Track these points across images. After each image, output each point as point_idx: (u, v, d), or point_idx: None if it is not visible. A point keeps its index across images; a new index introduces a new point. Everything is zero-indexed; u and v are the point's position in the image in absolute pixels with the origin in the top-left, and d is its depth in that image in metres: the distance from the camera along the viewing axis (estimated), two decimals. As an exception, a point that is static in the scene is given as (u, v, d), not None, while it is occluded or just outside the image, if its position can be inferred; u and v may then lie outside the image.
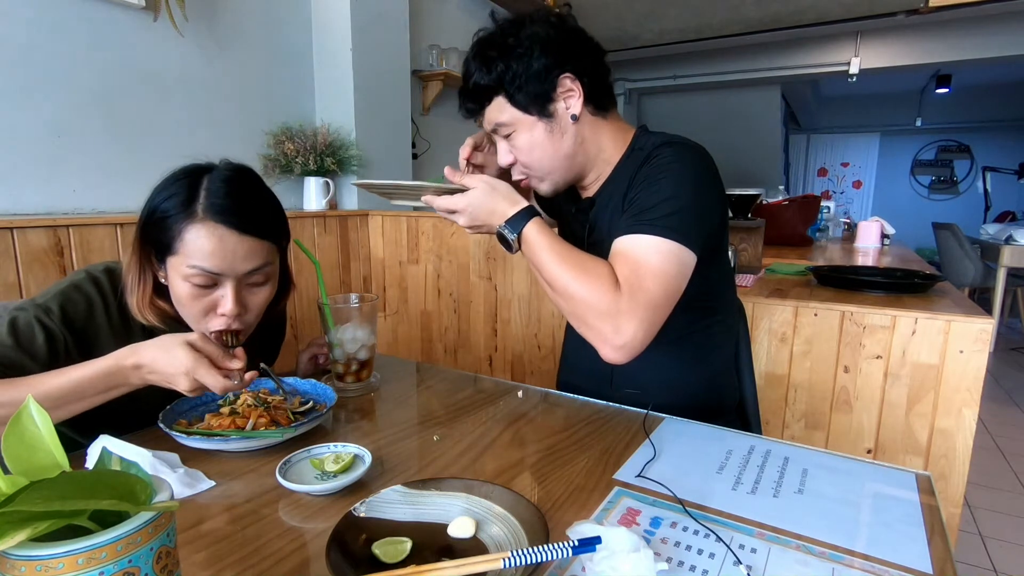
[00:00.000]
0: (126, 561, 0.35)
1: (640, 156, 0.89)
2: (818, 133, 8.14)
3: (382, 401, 0.95)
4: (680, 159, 0.83)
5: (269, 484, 0.66)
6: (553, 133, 0.88)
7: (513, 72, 0.84)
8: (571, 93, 0.86)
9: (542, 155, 0.89)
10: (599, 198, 0.95)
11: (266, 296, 0.85)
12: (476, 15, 3.31)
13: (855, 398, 1.39)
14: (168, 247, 0.78)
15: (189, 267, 0.77)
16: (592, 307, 0.74)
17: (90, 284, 0.82)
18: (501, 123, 0.88)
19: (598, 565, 0.47)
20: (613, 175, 0.93)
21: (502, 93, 0.86)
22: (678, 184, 0.80)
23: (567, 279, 0.76)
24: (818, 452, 0.76)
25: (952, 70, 5.74)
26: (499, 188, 0.82)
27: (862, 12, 3.28)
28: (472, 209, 0.82)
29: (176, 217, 0.77)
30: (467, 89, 0.90)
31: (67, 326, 0.79)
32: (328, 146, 2.20)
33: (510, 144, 0.90)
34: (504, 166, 0.93)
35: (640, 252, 0.76)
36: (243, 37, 2.06)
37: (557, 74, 0.85)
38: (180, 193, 0.78)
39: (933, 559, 0.53)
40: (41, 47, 1.52)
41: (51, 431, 0.39)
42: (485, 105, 0.89)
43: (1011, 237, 4.05)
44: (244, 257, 0.79)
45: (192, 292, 0.78)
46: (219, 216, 0.77)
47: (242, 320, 0.82)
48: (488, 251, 2.14)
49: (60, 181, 1.57)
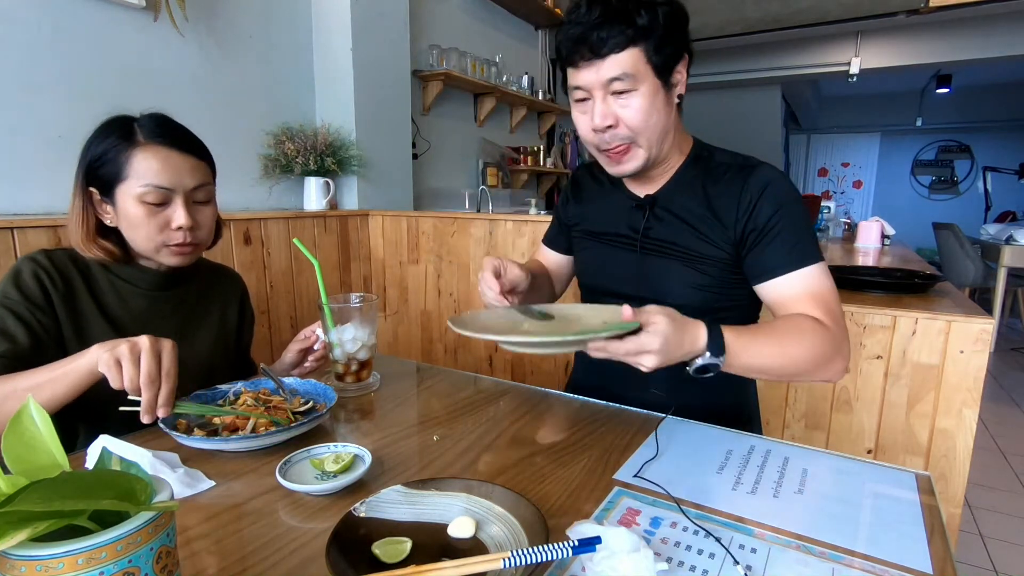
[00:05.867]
0: (126, 561, 0.35)
1: (717, 170, 0.89)
2: (818, 133, 8.14)
3: (382, 401, 0.95)
4: (791, 185, 0.87)
5: (269, 484, 0.66)
6: (668, 105, 0.85)
7: (667, 26, 0.79)
8: (682, 71, 0.85)
9: (657, 122, 0.84)
10: (661, 197, 0.93)
11: (211, 213, 0.95)
12: (476, 15, 3.31)
13: (855, 398, 1.39)
14: (117, 176, 0.86)
15: (142, 186, 0.85)
16: (821, 357, 0.77)
17: (30, 263, 0.86)
18: (623, 76, 0.79)
19: (598, 565, 0.47)
20: (677, 177, 0.92)
21: (642, 44, 0.79)
22: (805, 209, 0.86)
23: (790, 358, 0.76)
24: (818, 452, 0.76)
25: (952, 70, 5.74)
26: (676, 315, 0.70)
27: (862, 12, 3.28)
28: (667, 346, 0.67)
29: (119, 148, 0.85)
30: (596, 34, 0.78)
31: (33, 304, 0.83)
32: (328, 146, 2.20)
33: (620, 103, 0.82)
34: (599, 127, 0.84)
35: (818, 282, 0.82)
36: (243, 37, 2.06)
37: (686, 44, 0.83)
38: (116, 132, 0.86)
39: (933, 559, 0.53)
40: (42, 47, 1.52)
41: (51, 431, 0.39)
42: (611, 52, 0.79)
43: (1011, 237, 4.05)
44: (189, 172, 0.89)
45: (146, 211, 0.86)
46: (161, 139, 0.87)
47: (194, 235, 0.91)
48: (488, 251, 2.14)
49: (60, 181, 1.57)
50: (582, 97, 0.84)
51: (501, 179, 3.56)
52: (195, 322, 1.01)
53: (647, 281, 0.94)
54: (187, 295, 1.00)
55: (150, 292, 0.95)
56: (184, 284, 1.00)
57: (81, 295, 0.89)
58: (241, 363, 1.10)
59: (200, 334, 1.01)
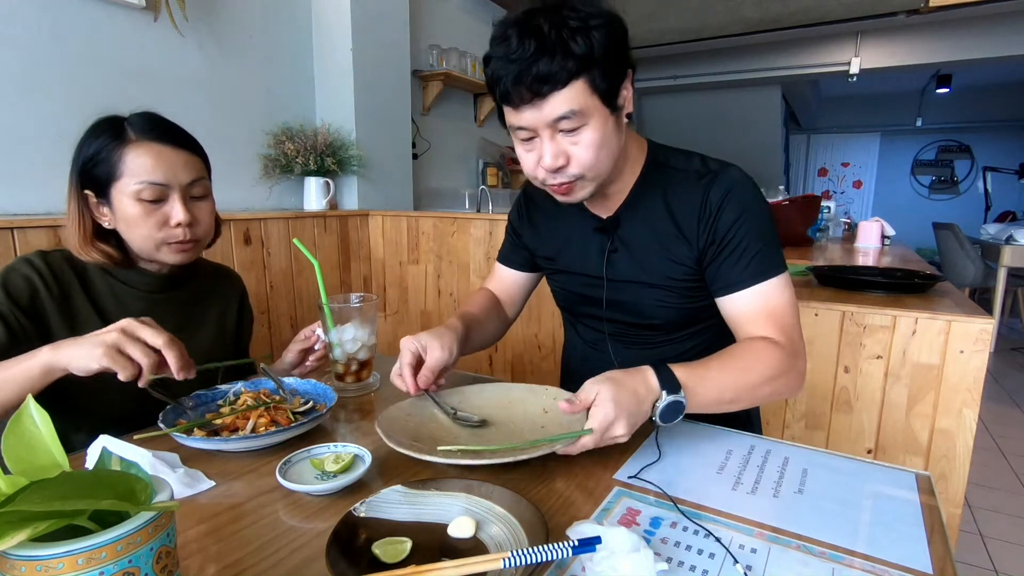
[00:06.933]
0: (126, 561, 0.35)
1: (676, 177, 0.85)
2: (818, 133, 8.14)
3: (382, 401, 0.95)
4: (753, 189, 0.84)
5: (269, 484, 0.66)
6: (618, 129, 0.78)
7: (608, 46, 0.71)
8: (628, 87, 0.78)
9: (608, 154, 0.77)
10: (623, 217, 0.88)
11: (209, 209, 0.94)
12: (476, 15, 3.31)
13: (855, 398, 1.39)
14: (111, 176, 0.84)
15: (137, 184, 0.84)
16: (774, 380, 0.76)
17: (24, 264, 0.85)
18: (569, 114, 0.72)
19: (598, 565, 0.47)
20: (637, 191, 0.87)
21: (585, 75, 0.71)
22: (768, 216, 0.84)
23: (744, 383, 0.74)
24: (818, 452, 0.76)
25: (952, 70, 5.74)
26: (614, 375, 0.68)
27: (862, 12, 3.28)
28: (622, 405, 0.65)
29: (111, 148, 0.84)
30: (534, 71, 0.69)
31: (15, 304, 0.82)
32: (328, 146, 2.20)
33: (570, 140, 0.75)
34: (551, 168, 0.76)
35: (775, 297, 0.81)
36: (243, 37, 2.06)
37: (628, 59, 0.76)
38: (107, 132, 0.85)
39: (933, 559, 0.53)
40: (42, 47, 1.52)
41: (51, 431, 0.39)
42: (553, 92, 0.71)
43: (1011, 237, 4.05)
44: (184, 167, 0.88)
45: (143, 210, 0.85)
46: (152, 135, 0.86)
47: (194, 231, 0.90)
48: (488, 251, 2.14)
49: (60, 181, 1.56)
50: (527, 137, 0.77)
51: (501, 179, 3.56)
52: (194, 324, 1.00)
53: (621, 306, 0.93)
54: (186, 297, 1.00)
55: (149, 295, 0.94)
56: (183, 286, 0.99)
57: (77, 297, 0.88)
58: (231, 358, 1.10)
59: (199, 335, 1.00)
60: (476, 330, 0.97)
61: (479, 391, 0.88)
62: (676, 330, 0.93)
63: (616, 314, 0.94)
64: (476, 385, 0.90)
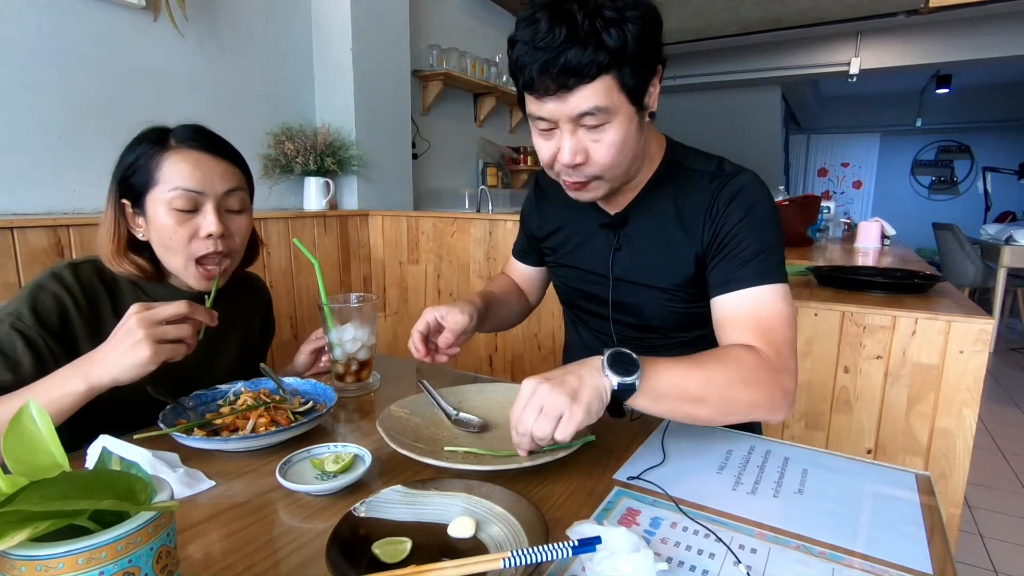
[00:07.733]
0: (126, 561, 0.35)
1: (690, 179, 0.83)
2: (818, 133, 8.14)
3: (382, 401, 0.95)
4: (765, 194, 0.81)
5: (269, 484, 0.66)
6: (641, 129, 0.75)
7: (636, 43, 0.67)
8: (656, 85, 0.74)
9: (628, 156, 0.75)
10: (631, 216, 0.87)
11: (246, 223, 0.90)
12: (476, 15, 3.31)
13: (855, 398, 1.39)
14: (147, 183, 0.82)
15: (171, 190, 0.81)
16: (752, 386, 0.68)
17: (54, 281, 0.82)
18: (595, 110, 0.69)
19: (598, 565, 0.47)
20: (648, 191, 0.86)
21: (615, 70, 0.68)
22: (776, 224, 0.80)
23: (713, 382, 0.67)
24: (818, 452, 0.76)
25: (952, 70, 5.75)
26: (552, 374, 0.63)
27: (862, 12, 3.28)
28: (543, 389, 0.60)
29: (151, 154, 0.83)
30: (562, 62, 0.66)
31: (43, 327, 0.79)
32: (328, 146, 2.20)
33: (592, 137, 0.72)
34: (568, 163, 0.74)
35: (768, 305, 0.76)
36: (243, 37, 2.06)
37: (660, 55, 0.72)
38: (150, 138, 0.84)
39: (933, 559, 0.53)
40: (42, 47, 1.53)
41: (51, 431, 0.39)
42: (579, 85, 0.68)
43: (1011, 237, 4.05)
44: (220, 176, 0.85)
45: (176, 219, 0.82)
46: (192, 142, 0.84)
47: (227, 244, 0.87)
48: (488, 251, 2.14)
49: (60, 181, 1.57)
50: (547, 128, 0.74)
51: (501, 179, 3.56)
52: (219, 339, 0.97)
53: (623, 307, 0.92)
54: None
55: None
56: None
57: (105, 313, 0.85)
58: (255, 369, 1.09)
59: (224, 351, 0.98)
60: (495, 308, 0.99)
61: (479, 391, 0.88)
62: (677, 334, 0.93)
63: (621, 315, 0.94)
64: (476, 385, 0.90)
